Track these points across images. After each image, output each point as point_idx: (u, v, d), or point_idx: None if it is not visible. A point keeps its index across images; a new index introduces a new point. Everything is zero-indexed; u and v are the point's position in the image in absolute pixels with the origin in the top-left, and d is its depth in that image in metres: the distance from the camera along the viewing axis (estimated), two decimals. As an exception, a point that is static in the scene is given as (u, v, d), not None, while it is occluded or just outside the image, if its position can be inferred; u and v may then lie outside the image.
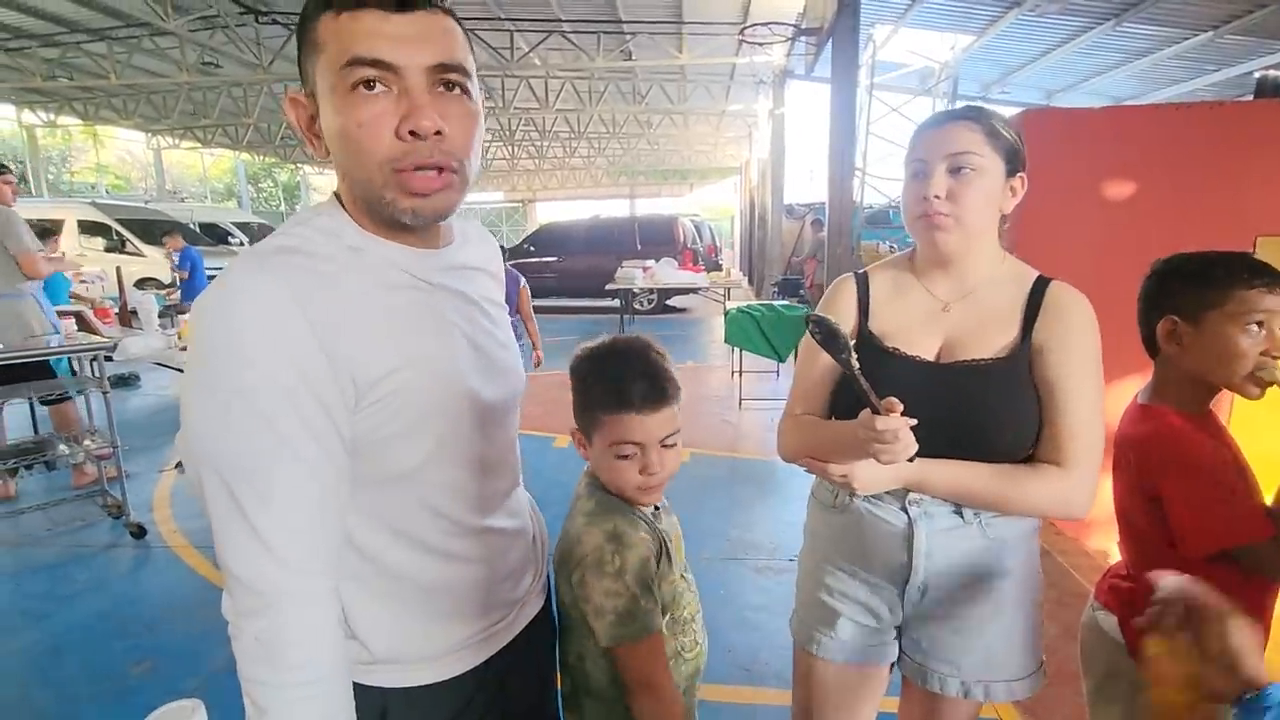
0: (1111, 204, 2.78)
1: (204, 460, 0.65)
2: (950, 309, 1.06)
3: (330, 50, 0.66)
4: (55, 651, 2.35)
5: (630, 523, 0.93)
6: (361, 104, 0.66)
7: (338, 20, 0.66)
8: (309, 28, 0.69)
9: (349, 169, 0.70)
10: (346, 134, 0.67)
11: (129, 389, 6.24)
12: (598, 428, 0.93)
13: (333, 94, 0.67)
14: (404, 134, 0.66)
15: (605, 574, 0.88)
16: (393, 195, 0.69)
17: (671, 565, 0.97)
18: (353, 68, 0.65)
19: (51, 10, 8.70)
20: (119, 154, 24.40)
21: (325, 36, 0.67)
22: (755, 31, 8.18)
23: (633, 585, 0.88)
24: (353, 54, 0.65)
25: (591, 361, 0.96)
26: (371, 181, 0.69)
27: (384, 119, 0.66)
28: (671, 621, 0.97)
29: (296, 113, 0.73)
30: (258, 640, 0.65)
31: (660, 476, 0.93)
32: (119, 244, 10.60)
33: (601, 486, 0.98)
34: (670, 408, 0.92)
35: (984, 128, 0.99)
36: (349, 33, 0.66)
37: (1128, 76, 9.59)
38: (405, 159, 0.67)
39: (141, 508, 3.45)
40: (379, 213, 0.72)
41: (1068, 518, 1.03)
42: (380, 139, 0.67)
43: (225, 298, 0.65)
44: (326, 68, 0.67)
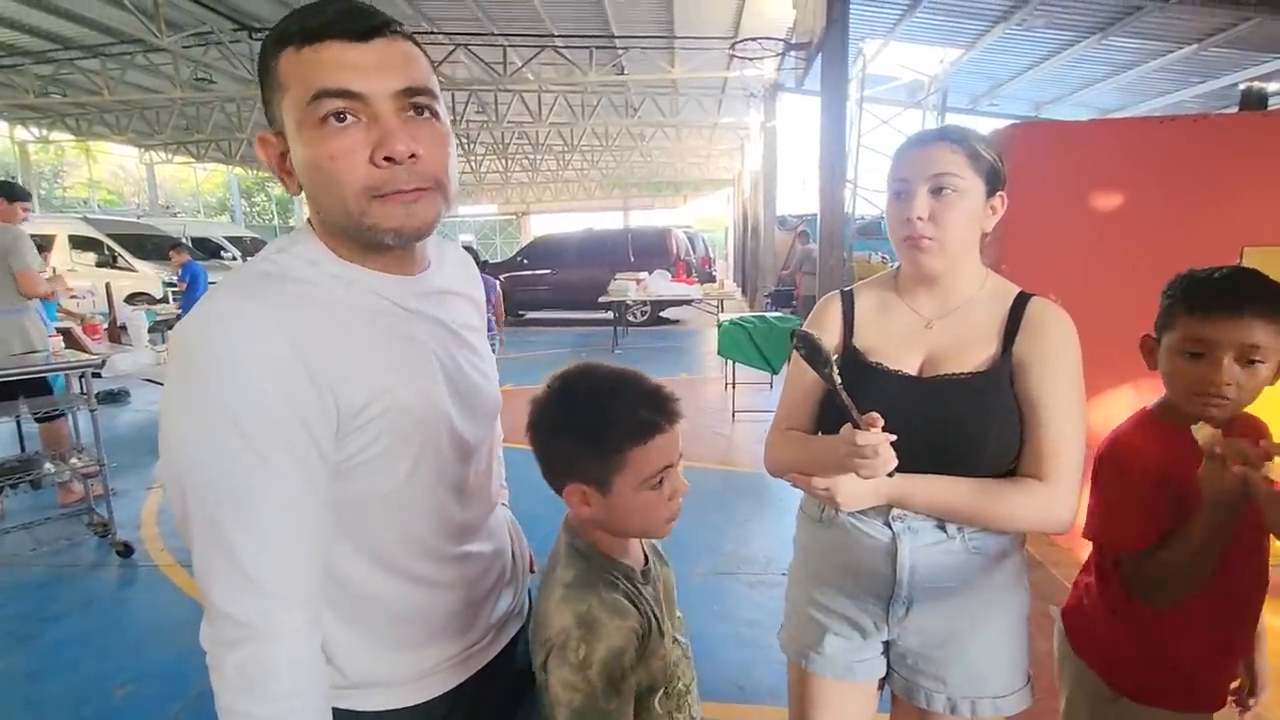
0: (1099, 216, 2.80)
1: (185, 486, 0.64)
2: (933, 326, 1.08)
3: (295, 86, 0.66)
4: (38, 674, 2.31)
5: (611, 603, 0.81)
6: (332, 136, 0.66)
7: (299, 55, 0.66)
8: (270, 67, 0.68)
9: (323, 200, 0.70)
10: (320, 166, 0.67)
11: (118, 405, 6.19)
12: (620, 470, 0.80)
13: (301, 129, 0.67)
14: (379, 161, 0.66)
15: (567, 663, 0.77)
16: (374, 219, 0.69)
17: (663, 636, 0.87)
18: (320, 100, 0.65)
19: (45, 27, 8.71)
20: (112, 169, 24.39)
21: (288, 73, 0.67)
22: (746, 46, 8.26)
23: (595, 680, 0.76)
24: (319, 86, 0.65)
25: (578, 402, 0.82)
26: (349, 211, 0.68)
27: (357, 149, 0.66)
28: (665, 697, 0.88)
29: (267, 152, 0.73)
30: (238, 671, 0.64)
31: (681, 496, 0.85)
32: (110, 259, 10.57)
33: (582, 550, 0.86)
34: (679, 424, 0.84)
35: (965, 149, 1.00)
36: (312, 66, 0.65)
37: (1114, 89, 9.72)
38: (384, 185, 0.67)
39: (129, 525, 3.41)
40: (359, 238, 0.72)
41: (1051, 530, 1.03)
42: (356, 168, 0.66)
43: (210, 322, 0.65)
44: (293, 104, 0.67)
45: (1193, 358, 1.00)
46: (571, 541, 0.87)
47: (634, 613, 0.82)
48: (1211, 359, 0.98)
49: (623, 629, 0.80)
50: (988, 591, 1.06)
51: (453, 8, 8.26)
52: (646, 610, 0.85)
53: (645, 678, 0.85)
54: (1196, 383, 1.00)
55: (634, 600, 0.84)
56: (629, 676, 0.80)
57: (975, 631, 1.06)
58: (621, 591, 0.83)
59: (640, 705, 0.85)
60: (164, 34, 7.86)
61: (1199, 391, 0.99)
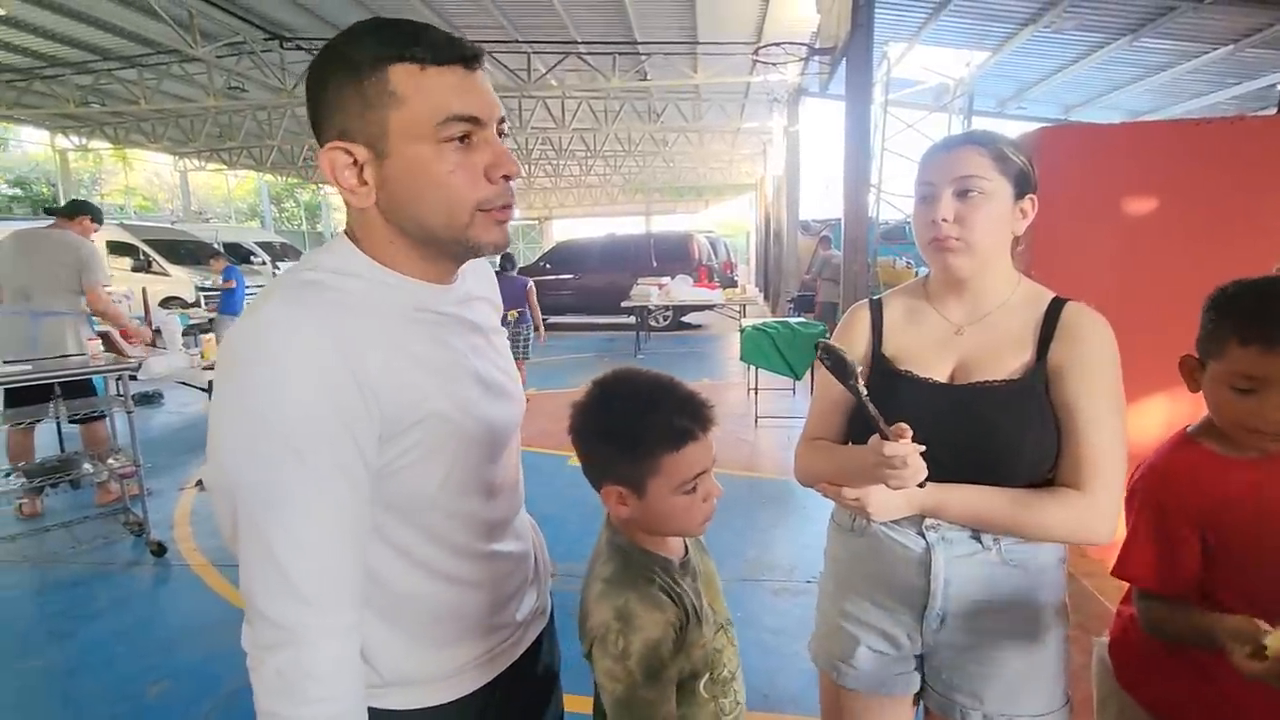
0: (1131, 222, 2.75)
1: (233, 491, 0.66)
2: (963, 332, 1.06)
3: (416, 103, 0.68)
4: (77, 670, 2.37)
5: (646, 596, 0.84)
6: (454, 153, 0.70)
7: (424, 74, 0.68)
8: (374, 79, 0.68)
9: (419, 211, 0.72)
10: (437, 181, 0.70)
11: (152, 407, 6.34)
12: (655, 474, 0.83)
13: (419, 143, 0.69)
14: (496, 178, 0.73)
15: (608, 654, 0.81)
16: (478, 232, 0.74)
17: (702, 625, 0.89)
18: (451, 123, 0.69)
19: (86, 39, 8.99)
20: (147, 176, 25.07)
21: (407, 89, 0.68)
22: (769, 52, 8.24)
23: (635, 671, 0.80)
24: (454, 111, 0.69)
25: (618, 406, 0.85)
26: (455, 222, 0.72)
27: (471, 166, 0.71)
28: (710, 682, 0.91)
29: (336, 162, 0.71)
30: (279, 674, 0.65)
31: (715, 503, 0.88)
32: (145, 264, 10.85)
33: (623, 547, 0.89)
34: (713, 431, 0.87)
35: (991, 151, 0.99)
36: (440, 89, 0.69)
37: (1146, 91, 9.52)
38: (494, 200, 0.73)
39: (162, 525, 3.50)
40: (447, 250, 0.76)
41: (1090, 543, 0.99)
42: (476, 184, 0.72)
43: (260, 329, 0.66)
44: (413, 119, 0.68)
45: (1244, 393, 0.92)
46: (612, 538, 0.90)
47: (670, 605, 0.85)
48: (1267, 396, 0.89)
49: (659, 622, 0.82)
50: (1026, 606, 1.03)
51: (479, 16, 8.37)
52: (685, 602, 0.87)
53: (687, 665, 0.87)
54: (1249, 418, 0.92)
55: (670, 593, 0.86)
56: (668, 666, 0.82)
57: (1014, 647, 1.03)
58: (659, 585, 0.86)
59: (685, 690, 0.88)
60: (198, 44, 8.09)
61: (1252, 429, 0.92)
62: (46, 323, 3.62)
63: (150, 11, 7.44)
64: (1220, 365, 0.95)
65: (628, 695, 0.80)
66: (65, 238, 3.74)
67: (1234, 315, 0.94)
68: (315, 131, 0.73)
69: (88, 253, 3.74)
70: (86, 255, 3.72)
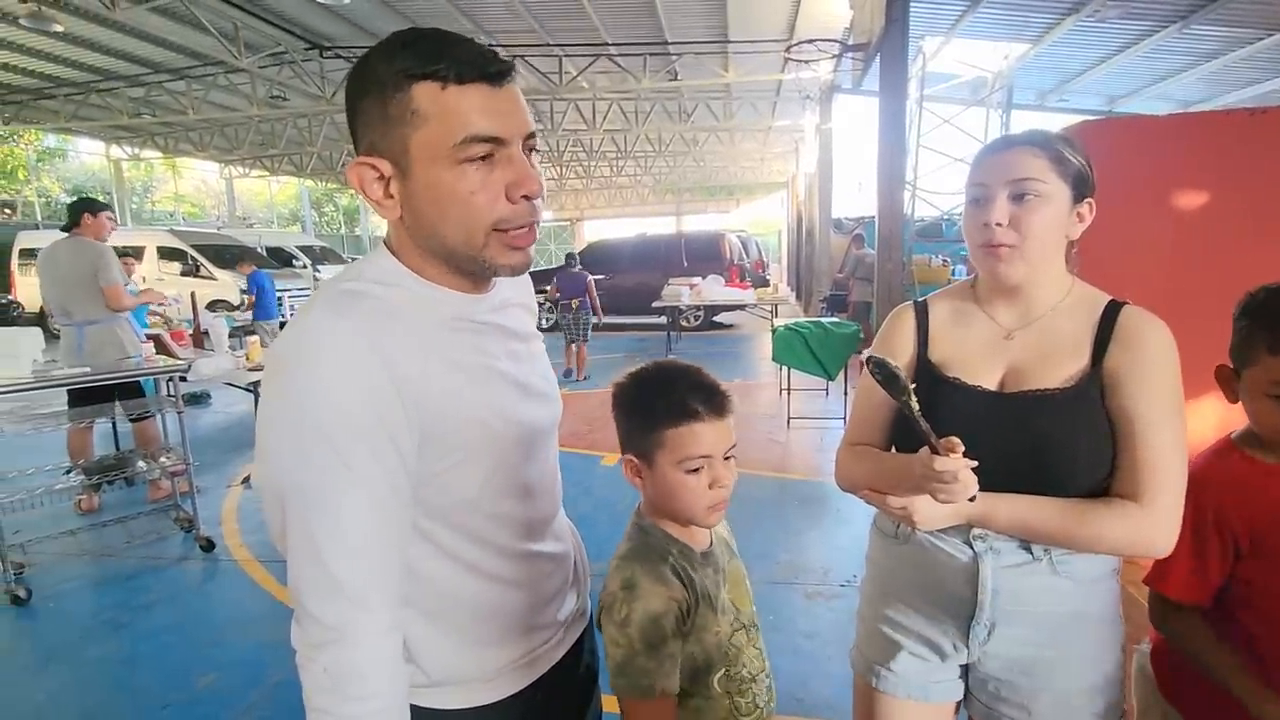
0: (1182, 218, 2.65)
1: (281, 496, 0.68)
2: (1014, 337, 1.03)
3: (437, 123, 0.68)
4: (131, 660, 2.47)
5: (653, 571, 0.88)
6: (474, 173, 0.70)
7: (445, 93, 0.68)
8: (393, 97, 0.68)
9: (441, 229, 0.72)
10: (458, 200, 0.70)
11: (200, 407, 6.57)
12: (660, 446, 0.89)
13: (439, 163, 0.69)
14: (516, 198, 0.72)
15: (612, 621, 0.86)
16: (493, 254, 0.74)
17: (717, 614, 0.92)
18: (470, 144, 0.68)
19: (138, 53, 9.37)
20: (194, 183, 25.95)
21: (428, 108, 0.68)
22: (801, 49, 8.16)
23: (635, 639, 0.84)
24: (471, 131, 0.68)
25: (642, 383, 0.93)
26: (472, 243, 0.73)
27: (492, 185, 0.71)
28: (726, 678, 0.92)
29: (364, 176, 0.72)
30: (326, 672, 0.67)
31: (727, 490, 0.90)
32: (194, 268, 11.26)
33: (645, 527, 0.94)
34: (729, 419, 0.91)
35: (1049, 153, 0.96)
36: (461, 108, 0.68)
37: (1196, 80, 9.16)
38: (513, 220, 0.73)
39: (210, 522, 3.62)
40: (463, 267, 0.76)
41: (1148, 555, 0.96)
42: (495, 204, 0.71)
43: (305, 338, 0.69)
44: (433, 139, 0.68)
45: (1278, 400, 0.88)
46: (637, 520, 0.96)
47: (677, 584, 0.88)
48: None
49: (662, 596, 0.86)
50: (1079, 618, 1.00)
51: (511, 21, 8.47)
52: (696, 585, 0.90)
53: (700, 652, 0.90)
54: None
55: (681, 573, 0.89)
56: (669, 642, 0.85)
57: (1065, 660, 0.99)
58: (670, 565, 0.89)
59: (699, 681, 0.90)
60: (243, 55, 8.35)
61: None
62: (90, 332, 3.73)
63: (198, 25, 7.71)
64: (1255, 373, 0.93)
65: (626, 661, 0.84)
66: (76, 246, 3.74)
67: (1264, 322, 0.91)
68: (354, 143, 0.75)
69: (97, 255, 3.74)
70: (96, 258, 3.73)
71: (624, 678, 0.85)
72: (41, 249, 3.95)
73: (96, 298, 3.74)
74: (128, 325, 3.92)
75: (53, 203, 21.39)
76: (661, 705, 0.86)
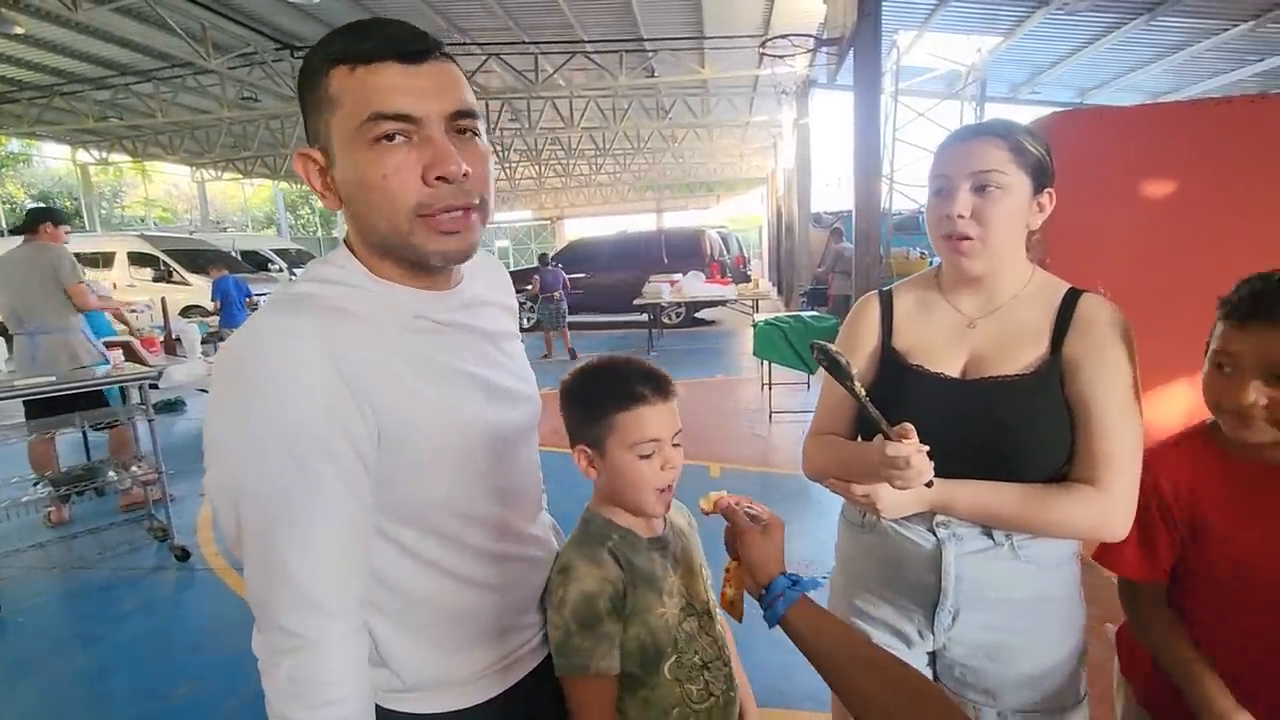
0: (1151, 207, 2.69)
1: (236, 501, 0.66)
2: (976, 325, 1.04)
3: (347, 106, 0.67)
4: (105, 672, 2.42)
5: (588, 555, 0.91)
6: (385, 155, 0.67)
7: (353, 75, 0.67)
8: (317, 85, 0.69)
9: (369, 219, 0.71)
10: (371, 185, 0.68)
11: (174, 414, 6.46)
12: (612, 432, 0.90)
13: (353, 147, 0.68)
14: (431, 180, 0.68)
15: (551, 604, 0.89)
16: (421, 240, 0.70)
17: (662, 598, 0.93)
18: (375, 122, 0.66)
19: (103, 55, 9.16)
20: (165, 187, 25.47)
21: (340, 91, 0.67)
22: (776, 44, 8.18)
23: (570, 620, 0.86)
24: (374, 109, 0.66)
25: (589, 374, 0.95)
26: (397, 229, 0.70)
27: (408, 168, 0.68)
28: (677, 665, 0.93)
29: (306, 168, 0.73)
30: (290, 679, 0.66)
31: (675, 473, 0.92)
32: (166, 274, 11.03)
33: (588, 518, 0.97)
34: (674, 403, 0.93)
35: (1010, 144, 0.96)
36: (367, 87, 0.67)
37: (1164, 71, 9.32)
38: (434, 204, 0.69)
39: (185, 530, 3.56)
40: (403, 258, 0.73)
41: (1105, 539, 0.98)
42: (408, 187, 0.68)
43: (256, 341, 0.67)
44: (344, 123, 0.68)
45: (1222, 372, 0.90)
46: (584, 513, 0.98)
47: (612, 565, 0.90)
48: (1237, 375, 0.88)
49: (594, 576, 0.88)
50: (1040, 602, 1.01)
51: (486, 19, 8.40)
52: (635, 567, 0.91)
53: (647, 635, 0.91)
54: (1222, 397, 0.90)
55: (619, 557, 0.91)
56: (604, 621, 0.87)
57: (1027, 644, 1.01)
58: (608, 549, 0.91)
59: (649, 668, 0.92)
60: (211, 57, 8.20)
61: (1225, 409, 0.91)
62: (41, 342, 3.67)
63: (164, 26, 7.55)
64: (1211, 346, 0.94)
65: (563, 641, 0.87)
66: (32, 252, 3.70)
67: (1225, 299, 0.93)
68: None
69: (55, 256, 3.69)
70: (55, 260, 3.68)
71: (562, 657, 0.87)
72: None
73: (52, 304, 3.68)
74: (81, 335, 3.82)
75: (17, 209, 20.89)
76: (597, 684, 0.88)
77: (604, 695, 0.89)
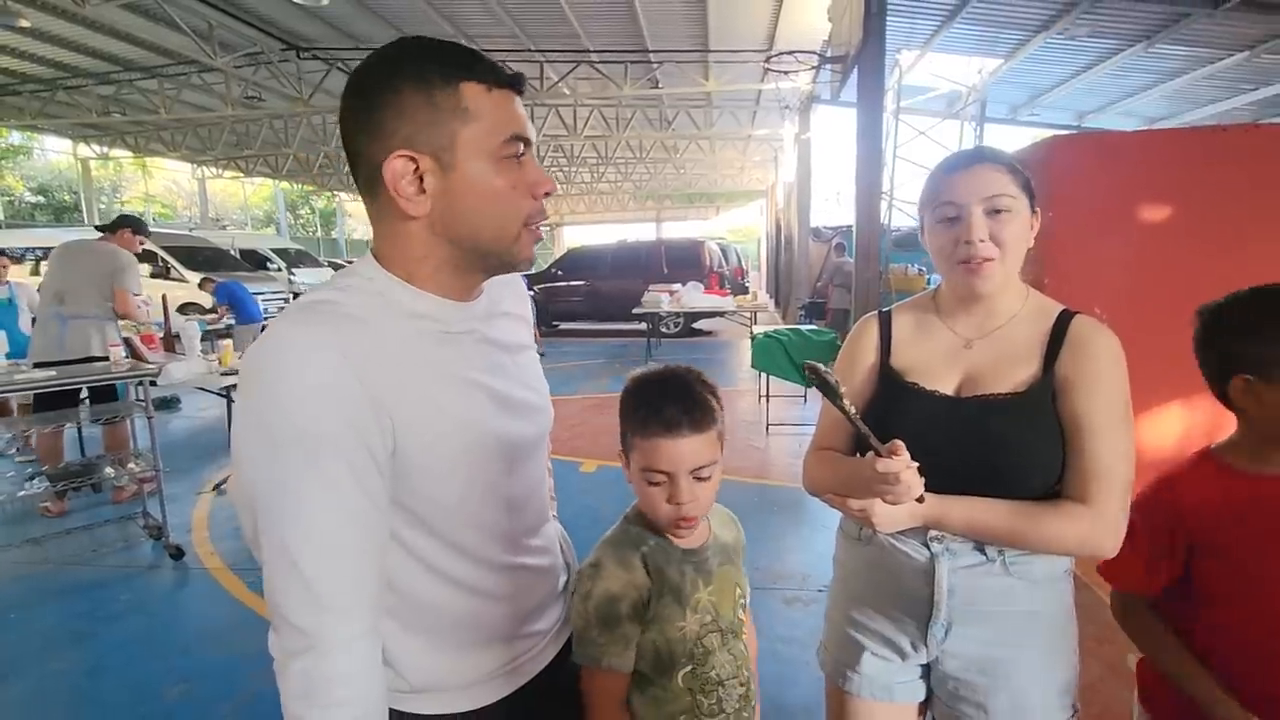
0: (1147, 230, 2.74)
1: (256, 506, 0.68)
2: (972, 345, 1.07)
3: (487, 120, 0.73)
4: (97, 671, 2.41)
5: (620, 557, 0.93)
6: (511, 170, 0.76)
7: (490, 94, 0.74)
8: (446, 92, 0.72)
9: (477, 223, 0.76)
10: (500, 194, 0.75)
11: (170, 411, 6.44)
12: (631, 450, 0.93)
13: (485, 158, 0.74)
14: (539, 195, 0.79)
15: (578, 594, 0.93)
16: (520, 246, 0.79)
17: (685, 611, 0.94)
18: (512, 142, 0.75)
19: (108, 50, 9.18)
20: (166, 184, 25.44)
21: (479, 106, 0.73)
22: (781, 60, 8.27)
23: (591, 614, 0.91)
24: (515, 131, 0.75)
25: (637, 385, 0.96)
26: (505, 235, 0.77)
27: (524, 185, 0.77)
28: (691, 676, 0.94)
29: (396, 170, 0.72)
30: (302, 678, 0.67)
31: (690, 509, 0.91)
32: (164, 271, 11.00)
33: (630, 519, 0.99)
34: (701, 437, 0.90)
35: (1008, 168, 1.00)
36: (503, 109, 0.75)
37: (1161, 97, 9.45)
38: (538, 216, 0.80)
39: (180, 529, 3.54)
40: (481, 265, 0.80)
41: (1094, 556, 0.99)
42: (526, 199, 0.78)
43: (277, 348, 0.69)
44: (482, 135, 0.73)
45: None
46: (629, 510, 1.00)
47: (641, 572, 0.92)
48: None
49: (620, 579, 0.91)
50: (1031, 617, 1.03)
51: (492, 25, 8.46)
52: (664, 577, 0.93)
53: (662, 642, 0.93)
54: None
55: (649, 564, 0.93)
56: (623, 623, 0.91)
57: (1019, 659, 1.03)
58: (642, 554, 0.94)
59: (662, 672, 0.94)
60: (217, 55, 8.23)
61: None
62: (74, 325, 3.75)
63: (171, 23, 7.59)
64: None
65: (582, 631, 0.92)
66: (104, 248, 3.94)
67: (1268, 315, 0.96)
68: (354, 144, 0.74)
69: (124, 261, 3.93)
70: (122, 263, 3.92)
71: (579, 646, 0.92)
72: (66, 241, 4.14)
73: (94, 296, 3.80)
74: (114, 331, 3.92)
75: (16, 202, 20.83)
76: (608, 677, 0.92)
77: (614, 689, 0.92)
